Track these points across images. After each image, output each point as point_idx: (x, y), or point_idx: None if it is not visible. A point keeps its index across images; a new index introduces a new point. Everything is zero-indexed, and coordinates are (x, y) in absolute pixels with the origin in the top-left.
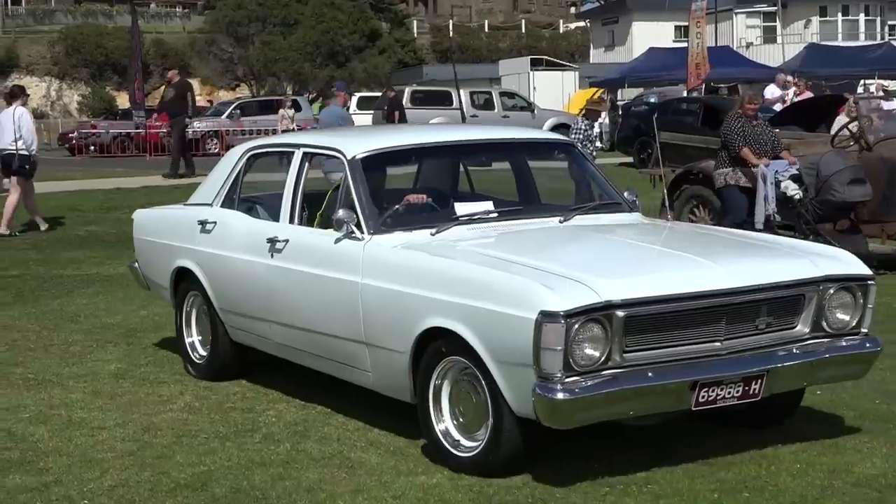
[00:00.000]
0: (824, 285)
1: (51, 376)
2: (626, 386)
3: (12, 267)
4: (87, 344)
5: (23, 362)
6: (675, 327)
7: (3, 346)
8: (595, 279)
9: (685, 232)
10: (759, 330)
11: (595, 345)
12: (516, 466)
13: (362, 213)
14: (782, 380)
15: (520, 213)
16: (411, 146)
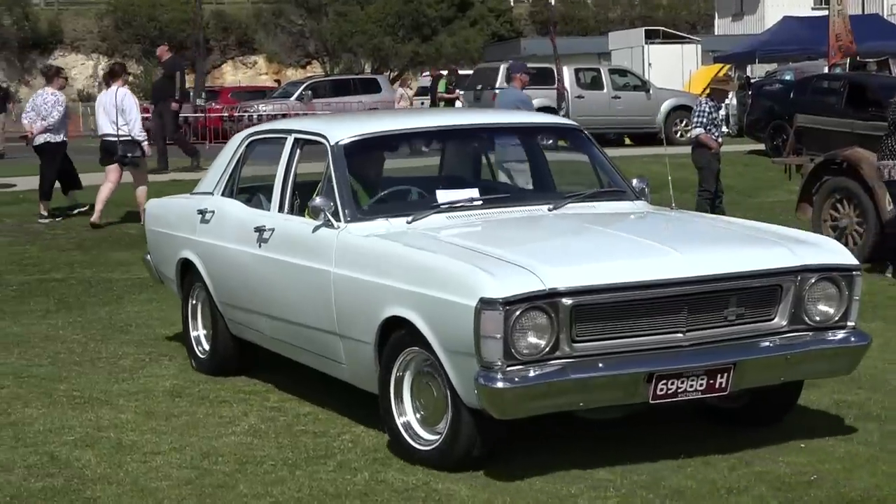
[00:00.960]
0: (803, 275)
1: (98, 394)
2: (574, 376)
3: (55, 269)
4: (138, 357)
5: (67, 378)
6: (630, 317)
7: (46, 359)
8: (542, 266)
9: (673, 221)
10: (729, 321)
11: (539, 333)
12: (475, 461)
13: (340, 201)
14: (754, 374)
15: (507, 201)
16: (398, 131)
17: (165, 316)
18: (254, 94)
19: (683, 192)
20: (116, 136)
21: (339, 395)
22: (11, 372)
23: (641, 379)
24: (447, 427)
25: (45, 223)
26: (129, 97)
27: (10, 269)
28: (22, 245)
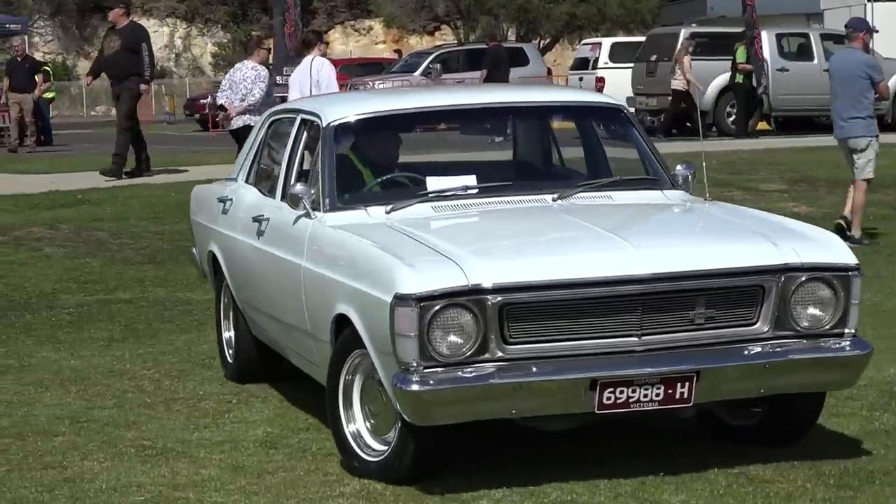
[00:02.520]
0: (788, 275)
1: (174, 444)
2: (501, 381)
3: (121, 288)
4: (223, 398)
5: (136, 424)
6: (573, 318)
7: (110, 400)
8: (473, 260)
9: (676, 213)
10: (696, 325)
11: (462, 333)
12: (425, 473)
13: (322, 189)
14: (725, 384)
15: (508, 190)
16: (401, 111)
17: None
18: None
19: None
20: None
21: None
22: (68, 415)
23: (584, 386)
24: (395, 437)
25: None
26: (326, 67)
27: (67, 288)
28: (81, 258)
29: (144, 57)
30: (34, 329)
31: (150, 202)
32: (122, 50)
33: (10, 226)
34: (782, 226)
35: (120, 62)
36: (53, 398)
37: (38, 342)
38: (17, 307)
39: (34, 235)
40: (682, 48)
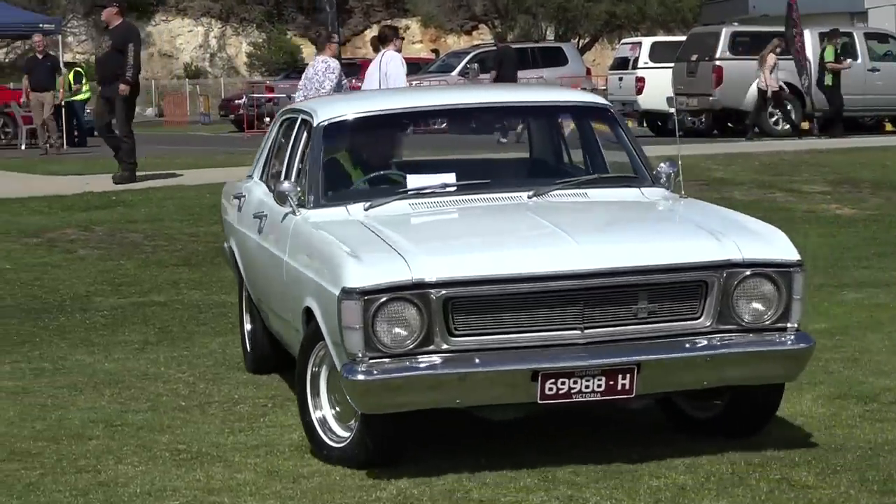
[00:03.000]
0: (730, 271)
1: (209, 448)
2: (444, 372)
3: (155, 291)
4: (259, 402)
5: (170, 427)
6: (517, 311)
7: (144, 403)
8: (419, 256)
9: (636, 209)
10: (640, 319)
11: (406, 325)
12: (385, 460)
13: (308, 186)
14: (666, 376)
15: (486, 188)
16: (386, 112)
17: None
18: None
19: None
20: None
21: (511, 451)
22: (102, 419)
23: (525, 377)
24: (357, 423)
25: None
26: (395, 62)
27: (101, 291)
28: (115, 260)
29: (129, 57)
30: (68, 332)
31: (185, 204)
32: (111, 51)
33: (44, 227)
34: (736, 223)
35: (108, 63)
36: (87, 401)
37: (72, 345)
38: (50, 310)
39: (68, 237)
40: (769, 48)
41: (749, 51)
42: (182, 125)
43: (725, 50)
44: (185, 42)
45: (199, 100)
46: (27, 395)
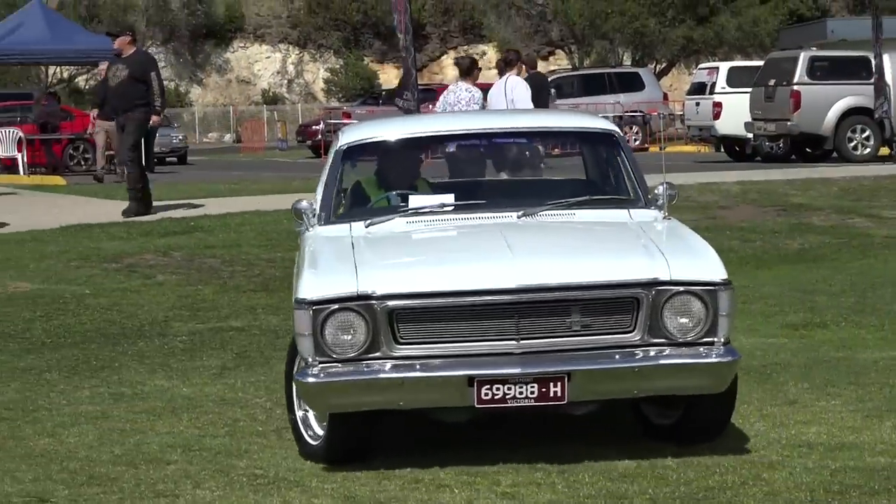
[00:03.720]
0: (658, 289)
1: (286, 473)
2: (385, 376)
3: (234, 316)
4: None
5: (248, 452)
6: (456, 323)
7: (222, 428)
8: (369, 271)
9: (596, 230)
10: (573, 331)
11: (353, 334)
12: (355, 456)
13: (320, 205)
14: (596, 385)
15: (481, 208)
16: (404, 136)
17: None
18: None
19: None
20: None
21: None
22: (180, 444)
23: (462, 383)
24: (328, 423)
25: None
26: (520, 87)
27: (179, 316)
28: (193, 285)
29: (154, 86)
30: (147, 357)
31: (263, 229)
32: (128, 80)
33: (123, 253)
34: (680, 245)
35: (126, 92)
36: (165, 426)
37: (151, 370)
38: (129, 335)
39: (147, 262)
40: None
41: (827, 75)
42: (259, 151)
43: (803, 75)
44: (263, 68)
45: (276, 126)
46: (106, 420)
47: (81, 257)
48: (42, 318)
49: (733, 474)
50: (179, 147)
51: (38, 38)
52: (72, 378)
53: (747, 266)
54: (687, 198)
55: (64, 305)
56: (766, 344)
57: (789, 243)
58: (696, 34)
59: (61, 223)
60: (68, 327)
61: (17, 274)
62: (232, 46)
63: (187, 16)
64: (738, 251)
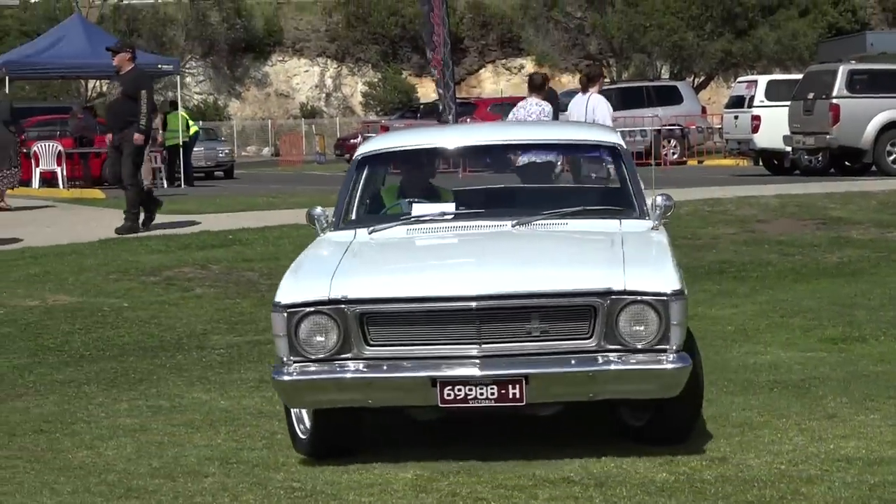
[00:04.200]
0: (613, 298)
1: (323, 486)
2: (352, 376)
3: (271, 329)
4: (374, 440)
5: (285, 465)
6: (423, 327)
7: (259, 441)
8: (342, 277)
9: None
10: (533, 337)
11: (324, 335)
12: (339, 451)
13: (333, 212)
14: (553, 388)
15: (478, 216)
16: (412, 147)
17: None
18: None
19: None
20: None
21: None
22: (218, 456)
23: (426, 383)
24: (311, 419)
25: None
26: (602, 105)
27: (217, 329)
28: (232, 298)
29: (143, 105)
30: (185, 369)
31: (301, 242)
32: (122, 97)
33: (162, 266)
34: (642, 255)
35: (120, 111)
36: (203, 439)
37: (189, 383)
38: (167, 347)
39: (185, 276)
40: None
41: (867, 89)
42: (297, 164)
43: (842, 88)
44: (302, 82)
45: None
46: (144, 433)
47: (120, 270)
48: (81, 331)
49: (771, 489)
50: (225, 161)
51: (78, 51)
52: (110, 391)
53: (786, 280)
54: (724, 211)
55: (103, 318)
56: (805, 358)
57: (828, 257)
58: (734, 47)
59: (100, 236)
60: (107, 340)
61: (57, 287)
62: (271, 60)
63: (226, 30)
64: (776, 265)
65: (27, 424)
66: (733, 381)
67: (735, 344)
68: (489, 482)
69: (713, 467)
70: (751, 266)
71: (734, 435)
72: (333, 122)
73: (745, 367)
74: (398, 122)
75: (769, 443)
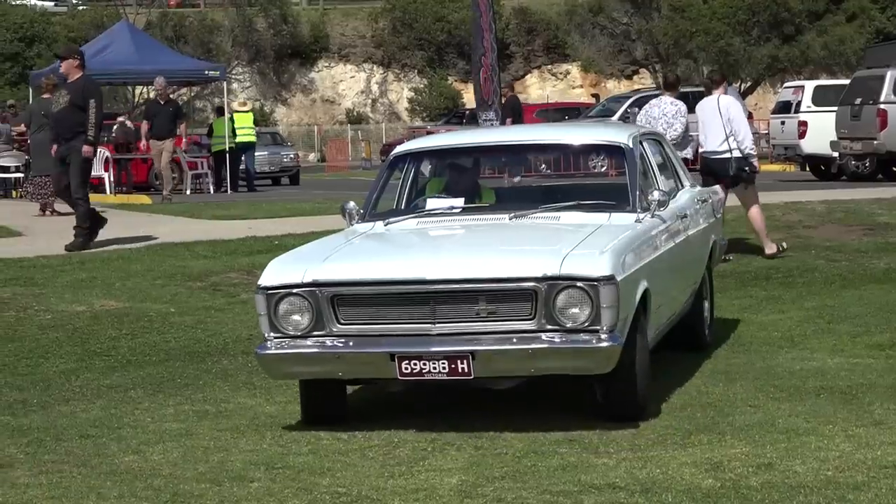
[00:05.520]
0: (550, 283)
1: (368, 491)
2: (321, 351)
3: None
4: (418, 445)
5: (331, 470)
6: (385, 307)
7: (305, 446)
8: (317, 263)
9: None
10: (481, 318)
11: (299, 314)
12: (321, 419)
13: (363, 204)
14: (496, 363)
15: (482, 210)
16: (442, 147)
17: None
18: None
19: None
20: (729, 152)
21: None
22: (263, 461)
23: (385, 358)
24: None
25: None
26: (733, 106)
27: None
28: None
29: (91, 115)
30: (230, 375)
31: None
32: (69, 106)
33: (208, 271)
34: (591, 243)
35: (66, 120)
36: (249, 444)
37: (235, 388)
38: (213, 353)
39: (231, 281)
40: None
41: None
42: (343, 170)
43: (890, 93)
44: (348, 88)
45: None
46: (190, 438)
47: (167, 276)
48: (128, 336)
49: (818, 495)
50: (290, 166)
51: (126, 58)
52: (156, 396)
53: (833, 286)
54: (771, 217)
55: (149, 323)
56: (852, 364)
57: (875, 263)
58: (781, 53)
59: (147, 242)
60: (153, 345)
61: (104, 292)
62: (317, 66)
63: (273, 36)
64: (823, 271)
65: (74, 429)
66: (779, 387)
67: (781, 350)
68: (534, 487)
69: (759, 474)
70: (797, 272)
71: (780, 441)
72: (379, 127)
73: (791, 374)
74: (444, 127)
75: (816, 449)
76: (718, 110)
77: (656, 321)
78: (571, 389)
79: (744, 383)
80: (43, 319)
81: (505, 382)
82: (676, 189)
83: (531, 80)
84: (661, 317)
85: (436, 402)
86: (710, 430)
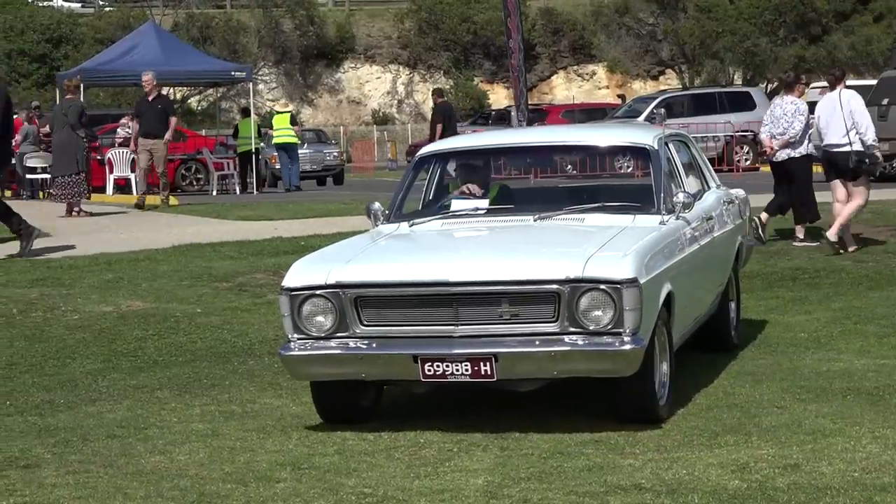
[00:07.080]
0: (573, 286)
1: (394, 492)
2: (345, 352)
3: None
4: (444, 446)
5: (356, 471)
6: (409, 308)
7: (331, 447)
8: (340, 264)
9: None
10: (504, 320)
11: (323, 315)
12: (333, 417)
13: (389, 205)
14: (520, 366)
15: (507, 212)
16: (467, 148)
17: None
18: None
19: None
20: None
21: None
22: (290, 462)
23: (409, 360)
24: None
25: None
26: (855, 100)
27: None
28: None
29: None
30: (256, 375)
31: None
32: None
33: (234, 272)
34: (614, 246)
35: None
36: (275, 444)
37: (261, 388)
38: (239, 353)
39: (257, 282)
40: None
41: None
42: (369, 171)
43: None
44: (374, 89)
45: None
46: (216, 438)
47: (193, 276)
48: (154, 337)
49: (844, 496)
50: (334, 165)
51: (152, 59)
52: (182, 396)
53: (860, 287)
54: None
55: (175, 324)
56: (879, 365)
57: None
58: (808, 53)
59: (173, 242)
60: (179, 346)
61: (130, 293)
62: (343, 67)
63: (299, 37)
64: (850, 272)
65: (101, 429)
66: (806, 388)
67: (808, 351)
68: (560, 488)
69: (786, 475)
70: (824, 273)
71: (807, 442)
72: (405, 128)
73: (818, 375)
74: (469, 128)
75: (842, 451)
76: (840, 104)
77: (681, 323)
78: (596, 390)
79: (770, 384)
80: (70, 320)
81: (527, 385)
82: (703, 190)
83: (557, 80)
84: (685, 318)
85: (462, 402)
86: (737, 431)
